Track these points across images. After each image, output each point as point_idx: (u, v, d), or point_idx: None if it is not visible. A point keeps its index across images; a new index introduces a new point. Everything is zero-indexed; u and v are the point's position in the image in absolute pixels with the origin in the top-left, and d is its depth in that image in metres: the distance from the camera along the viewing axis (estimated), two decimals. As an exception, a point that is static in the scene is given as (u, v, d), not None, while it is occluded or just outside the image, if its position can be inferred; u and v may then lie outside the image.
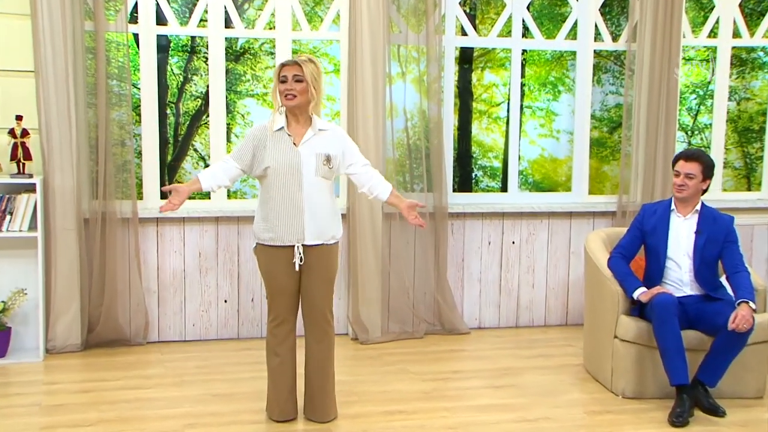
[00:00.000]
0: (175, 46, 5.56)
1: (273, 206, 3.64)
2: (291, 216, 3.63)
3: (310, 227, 3.64)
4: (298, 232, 3.63)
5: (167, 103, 5.50)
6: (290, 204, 3.62)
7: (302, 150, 3.63)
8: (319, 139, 3.68)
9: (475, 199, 5.62)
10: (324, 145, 3.68)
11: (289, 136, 3.65)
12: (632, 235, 4.35)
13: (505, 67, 5.88)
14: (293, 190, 3.62)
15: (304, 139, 3.65)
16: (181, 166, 5.61)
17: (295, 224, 3.63)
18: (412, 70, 5.25)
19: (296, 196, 3.62)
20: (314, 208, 3.64)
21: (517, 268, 5.59)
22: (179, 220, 5.08)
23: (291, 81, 3.57)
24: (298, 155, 3.62)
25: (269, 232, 3.65)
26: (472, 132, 5.94)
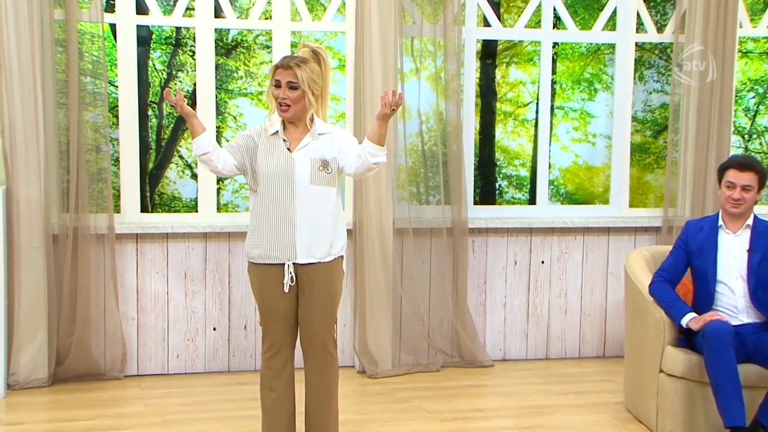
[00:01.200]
0: (157, 39, 5.58)
1: (263, 219, 3.65)
2: (281, 230, 3.63)
3: (303, 243, 3.63)
4: (289, 249, 3.63)
5: (149, 103, 5.50)
6: (281, 216, 3.63)
7: (296, 156, 3.65)
8: (317, 143, 3.68)
9: (499, 212, 5.62)
10: (320, 149, 3.67)
11: (284, 142, 3.67)
12: (676, 257, 4.32)
13: (533, 62, 5.88)
14: (285, 201, 3.62)
15: (300, 145, 3.66)
16: (164, 175, 5.62)
17: (286, 239, 3.63)
18: (428, 66, 5.26)
19: (288, 208, 3.62)
20: (309, 221, 3.63)
21: (547, 291, 5.58)
22: (162, 237, 5.08)
23: (285, 88, 3.58)
24: (291, 162, 3.64)
25: (259, 248, 3.66)
26: (496, 136, 5.93)
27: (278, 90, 3.59)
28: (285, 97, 3.58)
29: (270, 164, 3.63)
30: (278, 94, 3.59)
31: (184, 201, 5.61)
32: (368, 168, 3.64)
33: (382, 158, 3.63)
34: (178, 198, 5.63)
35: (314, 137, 3.67)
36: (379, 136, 3.58)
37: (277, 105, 3.60)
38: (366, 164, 3.62)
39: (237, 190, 5.58)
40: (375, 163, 3.62)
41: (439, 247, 5.31)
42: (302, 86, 3.56)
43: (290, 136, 3.67)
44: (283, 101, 3.58)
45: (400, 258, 5.27)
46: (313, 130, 3.68)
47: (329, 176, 3.67)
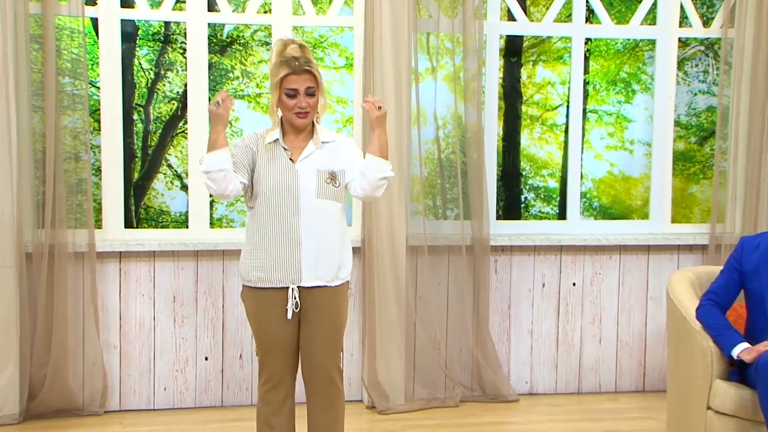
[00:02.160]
0: (144, 35, 5.59)
1: (263, 237, 3.65)
2: (284, 250, 3.64)
3: (309, 264, 3.65)
4: (294, 271, 3.64)
5: (134, 106, 5.52)
6: (285, 234, 3.63)
7: (300, 167, 3.67)
8: (322, 152, 3.71)
9: (525, 228, 5.61)
10: (327, 160, 3.70)
11: (285, 150, 3.68)
12: (728, 278, 4.28)
13: (563, 60, 5.87)
14: (288, 217, 3.63)
15: (303, 154, 3.68)
16: (151, 186, 5.62)
17: (290, 260, 3.64)
18: (445, 64, 5.26)
19: (292, 225, 3.63)
20: (316, 239, 3.65)
21: (578, 317, 5.56)
22: (148, 255, 5.07)
23: (303, 96, 3.61)
24: (295, 173, 3.65)
25: (258, 270, 3.66)
26: (521, 143, 5.92)
27: (294, 100, 3.60)
28: (305, 106, 3.61)
29: (271, 176, 3.65)
30: (296, 104, 3.60)
31: (173, 215, 5.61)
32: (375, 186, 3.68)
33: (388, 172, 3.68)
34: (167, 212, 5.63)
35: (318, 145, 3.70)
36: (380, 147, 3.64)
37: (293, 115, 3.62)
38: (372, 182, 3.66)
39: (232, 203, 5.59)
40: (381, 178, 3.67)
41: (458, 267, 5.30)
42: (318, 90, 3.62)
43: (291, 144, 3.69)
44: (303, 110, 3.61)
45: (414, 279, 5.26)
46: (316, 138, 3.71)
47: (336, 190, 3.69)
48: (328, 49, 5.58)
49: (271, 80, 3.67)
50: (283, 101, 3.62)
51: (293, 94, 3.59)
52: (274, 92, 3.64)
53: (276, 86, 3.61)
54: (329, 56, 5.57)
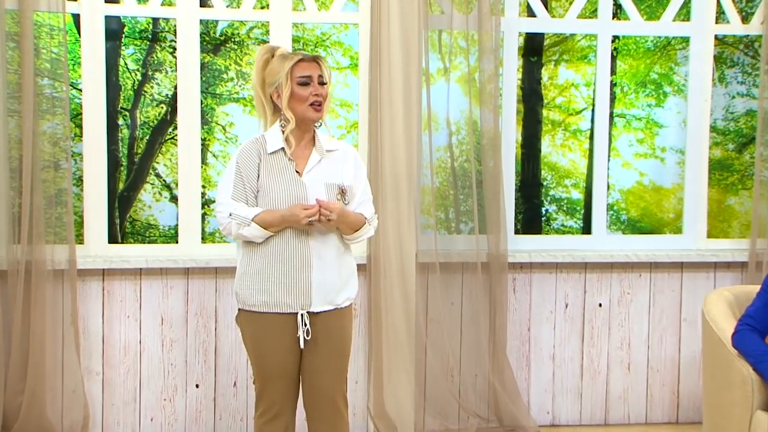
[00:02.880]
0: (130, 32, 5.58)
1: (269, 258, 3.68)
2: (294, 272, 3.67)
3: (320, 286, 3.69)
4: (304, 295, 3.67)
5: (119, 110, 5.51)
6: (294, 255, 3.67)
7: (308, 180, 3.70)
8: (327, 162, 3.75)
9: (546, 243, 5.61)
10: (335, 172, 3.77)
11: (290, 161, 3.69)
12: (765, 300, 4.26)
13: (588, 60, 5.84)
14: (297, 236, 3.67)
15: (309, 165, 3.73)
16: (137, 198, 5.59)
17: (300, 284, 3.67)
18: (459, 65, 5.27)
19: (302, 245, 3.67)
20: (326, 260, 3.70)
21: (605, 341, 5.54)
22: (134, 273, 5.09)
23: (317, 83, 3.69)
24: (303, 188, 3.69)
25: (263, 294, 3.68)
26: (542, 150, 5.88)
27: (308, 88, 3.67)
28: (320, 94, 3.69)
29: (277, 192, 3.69)
30: (311, 92, 3.68)
31: (162, 229, 5.59)
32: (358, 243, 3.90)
33: (366, 235, 3.84)
34: (154, 226, 5.61)
35: (322, 154, 3.74)
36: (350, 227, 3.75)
37: (308, 107, 3.69)
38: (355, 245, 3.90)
39: None
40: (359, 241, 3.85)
41: (473, 286, 5.31)
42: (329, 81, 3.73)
43: (296, 153, 3.74)
44: (318, 99, 3.68)
45: (425, 299, 5.26)
46: (319, 145, 3.75)
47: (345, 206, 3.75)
48: (331, 48, 5.55)
49: (269, 79, 3.73)
50: (295, 93, 3.67)
51: (307, 81, 3.67)
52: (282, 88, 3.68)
53: (286, 78, 3.67)
54: (332, 56, 5.55)
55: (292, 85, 3.66)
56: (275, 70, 3.71)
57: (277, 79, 3.70)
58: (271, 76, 3.72)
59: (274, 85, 3.72)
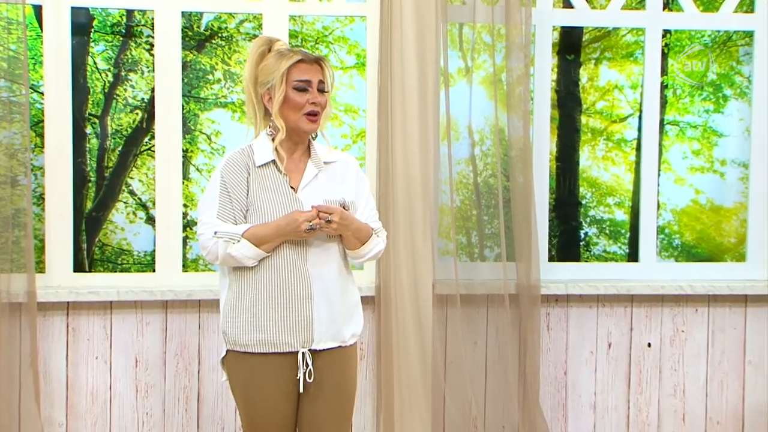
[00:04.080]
0: (100, 26, 5.59)
1: (263, 290, 3.69)
2: (293, 305, 3.67)
3: (323, 321, 3.69)
4: (305, 332, 3.67)
5: (86, 116, 5.51)
6: (292, 286, 3.67)
7: (303, 197, 3.72)
8: (326, 176, 3.79)
9: (585, 272, 5.62)
10: (334, 186, 3.79)
11: (282, 175, 3.71)
12: None
13: (635, 58, 5.84)
14: (295, 263, 3.67)
15: (305, 180, 3.76)
16: (108, 219, 5.59)
17: (300, 318, 3.67)
18: (483, 64, 5.28)
19: (301, 273, 3.68)
20: (329, 290, 3.71)
21: (655, 387, 5.52)
22: (104, 306, 5.08)
23: (316, 91, 3.70)
24: (299, 206, 3.70)
25: (257, 332, 3.68)
26: (581, 164, 5.88)
27: (304, 95, 3.69)
28: (317, 102, 3.70)
29: (269, 210, 3.70)
30: (308, 99, 3.69)
31: (136, 256, 5.59)
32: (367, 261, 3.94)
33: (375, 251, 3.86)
34: (128, 251, 5.61)
35: (319, 167, 3.77)
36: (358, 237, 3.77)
37: (303, 117, 3.70)
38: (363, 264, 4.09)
39: None
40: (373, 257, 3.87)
41: (499, 322, 5.29)
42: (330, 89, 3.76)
43: (289, 166, 3.78)
44: (314, 109, 3.70)
45: (443, 337, 5.26)
46: (315, 156, 3.79)
47: None
48: (334, 44, 5.56)
49: (262, 77, 3.75)
50: (289, 98, 3.68)
51: (304, 87, 3.69)
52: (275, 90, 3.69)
53: (281, 79, 3.68)
54: (336, 54, 5.56)
55: (287, 89, 3.67)
56: (270, 68, 3.71)
57: (270, 79, 3.71)
58: (265, 75, 3.73)
59: (267, 85, 3.72)
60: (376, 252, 3.82)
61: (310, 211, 3.57)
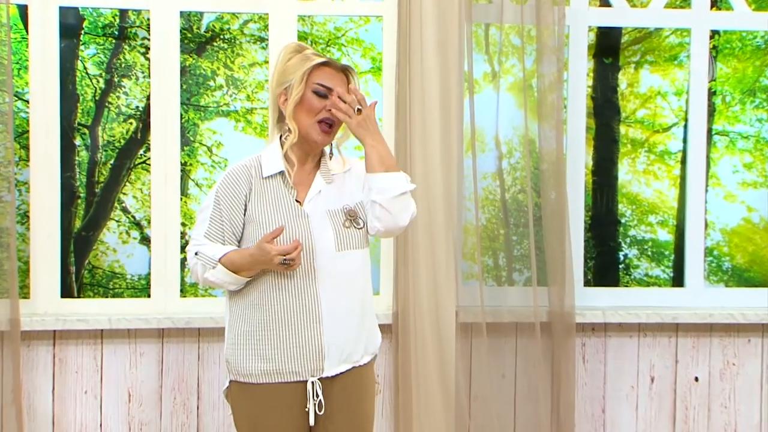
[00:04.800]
0: (91, 28, 5.60)
1: (267, 314, 3.68)
2: (301, 330, 3.67)
3: (334, 345, 3.69)
4: (314, 359, 3.68)
5: (75, 127, 5.52)
6: (299, 308, 3.67)
7: (311, 210, 3.73)
8: (336, 188, 3.83)
9: (624, 298, 5.62)
10: (340, 193, 3.80)
11: (290, 188, 3.77)
12: None
13: (679, 62, 5.83)
14: (302, 283, 3.68)
15: (311, 192, 3.78)
16: (99, 239, 5.59)
17: (309, 344, 3.67)
18: (512, 68, 5.31)
19: (308, 293, 3.68)
20: (340, 310, 3.70)
21: (704, 426, 5.50)
22: (94, 335, 5.10)
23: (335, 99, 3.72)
24: (305, 220, 3.71)
25: (262, 361, 3.68)
26: (619, 178, 5.88)
27: (323, 100, 3.71)
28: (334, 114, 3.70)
29: (271, 224, 3.69)
30: (325, 105, 3.71)
31: (130, 280, 5.58)
32: (395, 211, 3.68)
33: (405, 185, 3.71)
34: (120, 275, 5.60)
35: (328, 180, 3.83)
36: (380, 158, 3.69)
37: (316, 125, 3.71)
38: (388, 206, 3.67)
39: None
40: (399, 195, 3.66)
41: (530, 354, 5.30)
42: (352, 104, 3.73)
43: (297, 178, 3.80)
44: (330, 117, 3.71)
45: (467, 370, 5.27)
46: (324, 169, 3.86)
47: (360, 233, 3.78)
48: (347, 47, 5.57)
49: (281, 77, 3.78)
50: (305, 99, 3.71)
51: (324, 93, 3.70)
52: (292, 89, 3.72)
53: (301, 79, 3.71)
54: (349, 57, 5.56)
55: (305, 89, 3.69)
56: (292, 67, 3.74)
57: (290, 78, 3.74)
58: (285, 74, 3.76)
59: (285, 84, 3.75)
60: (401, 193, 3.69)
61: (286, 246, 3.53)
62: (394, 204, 3.65)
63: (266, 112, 5.30)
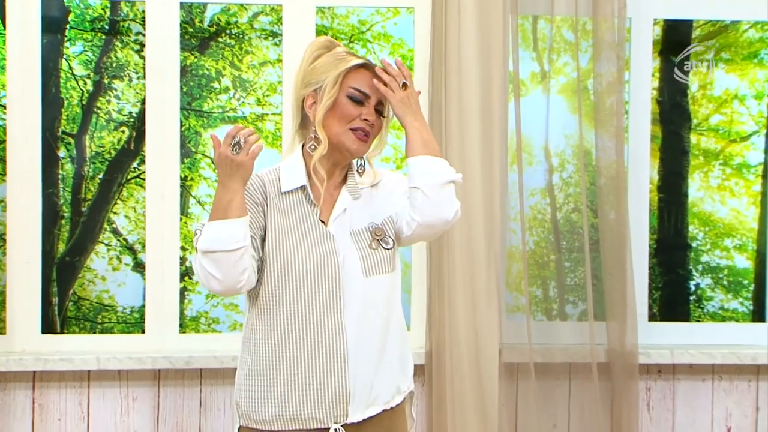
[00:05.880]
0: (78, 22, 5.62)
1: (283, 350, 3.66)
2: (323, 369, 3.64)
3: (361, 387, 3.67)
4: (338, 402, 3.65)
5: (59, 136, 5.53)
6: (321, 344, 3.65)
7: (336, 230, 3.71)
8: (363, 204, 3.82)
9: (696, 335, 5.62)
10: (366, 210, 3.79)
11: (312, 206, 3.73)
12: None
13: (759, 60, 5.82)
14: (326, 314, 3.65)
15: (337, 211, 3.75)
16: (86, 265, 5.61)
17: (332, 386, 3.64)
18: (564, 67, 5.35)
19: (332, 327, 3.65)
20: (368, 346, 3.69)
21: (793, 487, 5.41)
22: (79, 377, 5.12)
23: (373, 108, 3.72)
24: (330, 241, 3.69)
25: (276, 405, 3.66)
26: (690, 195, 5.88)
27: (359, 107, 3.69)
28: (371, 124, 3.71)
29: (294, 248, 3.68)
30: (361, 113, 3.69)
31: (121, 313, 5.57)
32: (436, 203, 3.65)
33: (449, 174, 3.68)
34: (110, 307, 5.59)
35: (355, 195, 3.81)
36: (423, 142, 3.69)
37: (350, 134, 3.70)
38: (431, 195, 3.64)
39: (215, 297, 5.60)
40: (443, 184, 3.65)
41: (586, 399, 5.30)
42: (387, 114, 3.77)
43: (318, 194, 3.76)
44: (365, 126, 3.70)
45: (513, 417, 5.30)
46: (351, 183, 3.83)
47: (389, 254, 3.76)
48: (373, 43, 5.58)
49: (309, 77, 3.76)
50: (339, 104, 3.68)
51: (360, 100, 3.69)
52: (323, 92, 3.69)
53: (335, 81, 3.68)
54: (375, 55, 5.58)
55: (339, 94, 3.65)
56: (323, 67, 3.70)
57: (321, 79, 3.69)
58: (314, 74, 3.72)
59: (314, 86, 3.72)
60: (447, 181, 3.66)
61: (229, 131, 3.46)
62: (437, 192, 3.62)
63: (279, 118, 5.30)
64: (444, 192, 3.63)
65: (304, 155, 3.75)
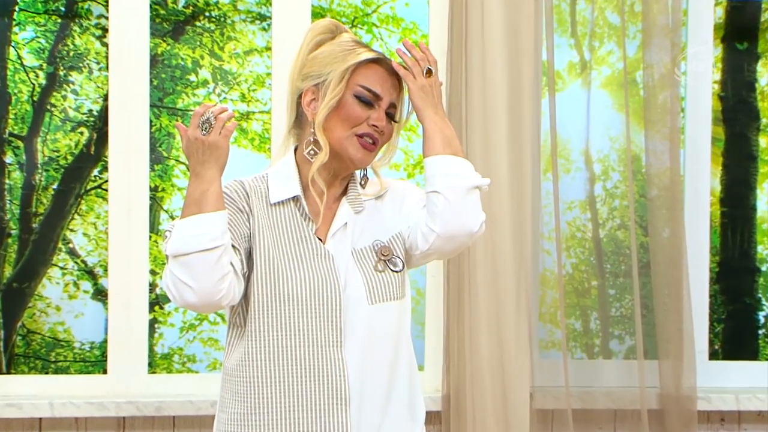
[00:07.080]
0: (28, 3, 5.61)
1: (272, 389, 3.62)
2: (319, 414, 3.61)
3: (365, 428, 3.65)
4: None
5: (5, 138, 5.53)
6: (317, 384, 3.60)
7: (335, 248, 3.66)
8: (366, 218, 3.77)
9: (765, 376, 5.52)
10: (370, 225, 3.74)
11: (306, 220, 3.66)
12: None
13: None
14: (322, 349, 3.59)
15: (335, 226, 3.70)
16: (36, 293, 5.60)
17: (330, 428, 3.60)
18: (608, 57, 5.42)
19: (330, 363, 3.60)
20: (371, 380, 3.65)
21: None
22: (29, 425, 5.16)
23: (383, 111, 3.66)
24: (329, 261, 3.64)
25: None
26: (758, 209, 5.84)
27: (369, 110, 3.64)
28: (381, 129, 3.65)
29: (285, 266, 3.62)
30: (370, 117, 3.64)
31: (79, 349, 5.60)
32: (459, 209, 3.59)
33: (474, 178, 3.62)
34: (66, 342, 5.61)
35: (357, 208, 3.76)
36: (444, 139, 3.64)
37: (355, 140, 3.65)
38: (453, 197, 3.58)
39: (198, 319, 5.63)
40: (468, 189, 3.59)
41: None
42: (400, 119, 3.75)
43: (312, 205, 3.70)
44: (373, 132, 3.64)
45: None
46: (353, 194, 3.79)
47: (399, 277, 3.68)
48: (379, 27, 5.66)
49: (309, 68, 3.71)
50: (345, 104, 3.62)
51: (370, 101, 3.62)
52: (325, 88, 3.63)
53: (341, 77, 3.62)
54: (383, 41, 5.57)
55: (345, 92, 3.58)
56: (326, 57, 3.63)
57: (324, 72, 3.62)
58: (316, 66, 3.65)
59: (315, 80, 3.64)
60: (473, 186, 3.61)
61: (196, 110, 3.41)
62: (462, 197, 3.55)
63: (267, 117, 5.30)
64: (469, 198, 3.56)
65: (297, 160, 3.68)
